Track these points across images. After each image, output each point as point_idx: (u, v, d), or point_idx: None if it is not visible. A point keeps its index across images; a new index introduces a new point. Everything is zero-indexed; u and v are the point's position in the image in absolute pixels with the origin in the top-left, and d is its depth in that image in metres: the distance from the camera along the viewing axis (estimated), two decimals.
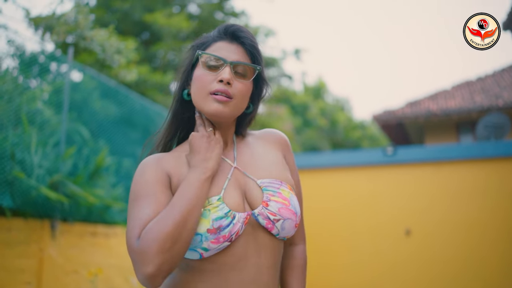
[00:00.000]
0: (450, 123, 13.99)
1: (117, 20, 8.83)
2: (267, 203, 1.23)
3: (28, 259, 3.88)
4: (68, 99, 4.65)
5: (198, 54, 1.28)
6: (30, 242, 3.91)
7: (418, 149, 8.20)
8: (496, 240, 6.97)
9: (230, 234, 1.15)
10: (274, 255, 1.26)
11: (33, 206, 3.93)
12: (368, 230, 7.92)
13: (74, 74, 6.03)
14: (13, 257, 3.76)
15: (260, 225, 1.23)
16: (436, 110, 13.50)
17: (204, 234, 1.13)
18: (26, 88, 4.71)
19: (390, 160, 8.09)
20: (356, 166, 8.35)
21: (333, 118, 15.68)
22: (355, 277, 7.80)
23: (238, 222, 1.18)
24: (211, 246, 1.14)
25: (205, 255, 1.15)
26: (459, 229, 7.32)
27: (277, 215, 1.23)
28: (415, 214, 7.69)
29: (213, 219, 1.14)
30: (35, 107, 4.40)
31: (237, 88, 1.24)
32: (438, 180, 7.71)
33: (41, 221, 4.04)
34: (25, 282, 3.83)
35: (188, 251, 1.15)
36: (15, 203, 3.73)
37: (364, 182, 8.30)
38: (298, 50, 13.30)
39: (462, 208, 7.42)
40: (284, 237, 1.28)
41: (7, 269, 3.71)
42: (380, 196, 8.06)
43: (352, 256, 7.90)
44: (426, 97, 14.89)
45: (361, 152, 9.20)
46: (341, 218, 8.16)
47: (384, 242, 7.84)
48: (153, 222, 1.07)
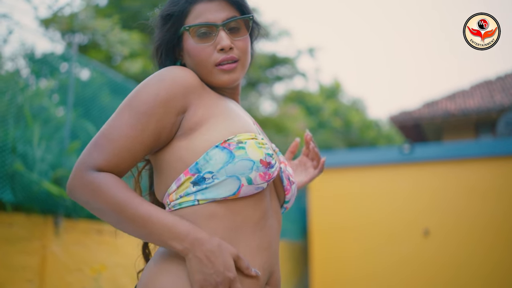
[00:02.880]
0: (469, 123, 13.75)
1: (127, 18, 8.89)
2: (285, 163, 1.22)
3: (30, 256, 3.77)
4: (73, 92, 4.56)
5: (185, 29, 1.17)
6: (32, 238, 3.80)
7: (435, 147, 7.97)
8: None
9: (272, 176, 1.09)
10: (280, 226, 1.21)
11: (36, 201, 3.82)
12: (384, 232, 7.71)
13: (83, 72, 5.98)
14: (14, 254, 3.65)
15: (272, 186, 1.20)
16: (454, 110, 13.28)
17: (256, 163, 1.05)
18: (29, 85, 4.66)
19: (407, 158, 7.88)
20: (372, 165, 8.15)
21: (348, 118, 15.49)
22: (371, 281, 7.58)
23: (277, 169, 1.11)
24: (257, 180, 1.05)
25: (242, 192, 1.05)
26: (478, 228, 7.08)
27: (292, 177, 1.22)
28: (434, 213, 7.46)
29: (265, 153, 1.08)
30: (39, 104, 4.33)
31: (239, 48, 1.17)
32: (457, 178, 7.48)
33: (44, 217, 3.92)
34: (26, 280, 3.71)
35: (228, 180, 1.03)
36: (16, 198, 3.61)
37: (380, 182, 8.09)
38: (313, 48, 13.14)
39: (481, 206, 7.17)
40: (286, 207, 1.24)
41: (8, 266, 3.59)
42: (397, 196, 7.85)
43: (368, 258, 7.68)
44: (443, 97, 14.68)
45: (376, 150, 9.01)
46: (355, 219, 7.95)
47: (402, 243, 7.62)
48: (111, 187, 1.00)
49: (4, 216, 3.58)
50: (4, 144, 3.61)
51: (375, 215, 7.87)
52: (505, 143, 7.49)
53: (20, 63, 5.68)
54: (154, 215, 0.99)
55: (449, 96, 14.92)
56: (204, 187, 1.04)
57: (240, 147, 1.04)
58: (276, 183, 1.19)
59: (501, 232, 6.96)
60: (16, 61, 5.01)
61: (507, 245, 6.80)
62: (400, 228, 7.62)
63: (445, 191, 7.50)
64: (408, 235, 7.56)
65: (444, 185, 7.53)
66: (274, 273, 1.13)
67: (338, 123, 15.14)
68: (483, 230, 7.10)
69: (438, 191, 7.55)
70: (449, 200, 7.42)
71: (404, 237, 7.58)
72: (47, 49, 5.29)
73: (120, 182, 1.04)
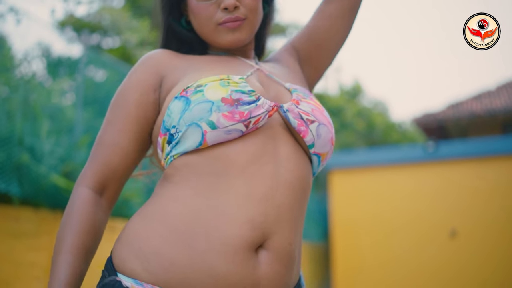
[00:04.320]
0: (495, 124, 13.41)
1: (144, 16, 8.99)
2: (298, 101, 1.01)
3: (38, 252, 3.65)
4: (83, 85, 4.49)
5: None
6: (40, 234, 3.68)
7: (461, 144, 7.68)
8: None
9: (249, 115, 0.91)
10: (299, 178, 0.95)
11: (44, 196, 3.70)
12: (410, 233, 7.43)
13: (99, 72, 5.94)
14: (21, 250, 3.53)
15: (285, 131, 0.98)
16: (480, 111, 12.95)
17: (216, 102, 0.90)
18: (42, 84, 4.65)
19: (431, 157, 7.60)
20: (395, 164, 7.88)
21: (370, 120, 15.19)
22: (397, 286, 7.30)
23: (262, 107, 0.93)
24: (221, 122, 0.90)
25: (208, 139, 0.90)
26: (510, 228, 6.74)
27: (311, 115, 0.98)
28: (461, 213, 7.15)
29: (232, 89, 0.93)
30: (50, 101, 4.29)
31: (247, 5, 1.05)
32: (484, 176, 7.16)
33: (53, 212, 3.80)
34: (34, 277, 3.59)
35: (189, 129, 0.91)
36: (23, 191, 3.50)
37: (404, 181, 7.81)
38: None
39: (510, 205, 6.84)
40: (318, 153, 0.99)
41: (15, 263, 3.48)
42: (422, 196, 7.56)
43: (393, 261, 7.40)
44: (468, 98, 14.34)
45: (400, 149, 8.74)
46: (379, 221, 7.69)
47: (428, 245, 7.32)
48: (66, 218, 0.96)
49: (11, 210, 3.47)
50: (11, 136, 3.51)
51: (399, 217, 7.60)
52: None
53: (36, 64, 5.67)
54: (53, 267, 0.92)
55: (475, 97, 14.60)
56: (175, 143, 0.95)
57: (198, 90, 0.94)
58: (289, 126, 0.99)
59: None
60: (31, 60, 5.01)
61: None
62: (426, 229, 7.33)
63: (473, 190, 7.20)
64: (434, 237, 7.28)
65: (472, 183, 7.22)
66: (275, 236, 0.89)
67: (361, 125, 14.85)
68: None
69: (465, 190, 7.24)
70: (478, 199, 7.11)
71: (430, 239, 7.29)
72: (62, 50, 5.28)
73: (76, 214, 0.96)
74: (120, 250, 0.92)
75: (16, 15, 4.01)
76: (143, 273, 0.87)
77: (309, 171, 1.00)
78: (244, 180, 0.90)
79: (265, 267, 0.88)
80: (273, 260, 0.88)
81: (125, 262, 0.90)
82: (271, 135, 0.95)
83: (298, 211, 0.95)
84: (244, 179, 0.90)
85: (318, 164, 1.02)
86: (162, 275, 0.85)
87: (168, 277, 0.85)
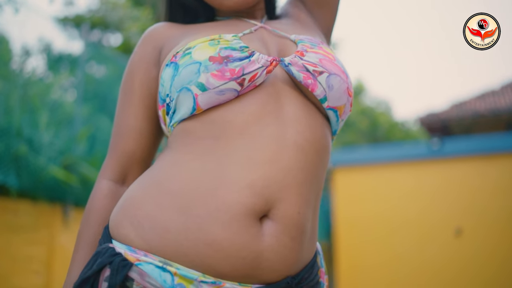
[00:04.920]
0: (500, 124, 13.32)
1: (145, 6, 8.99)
2: (302, 52, 0.89)
3: (37, 246, 3.58)
4: (83, 75, 4.42)
5: None
6: (39, 227, 3.61)
7: (466, 141, 7.59)
8: None
9: (242, 72, 0.82)
10: (314, 142, 0.86)
11: (43, 188, 3.63)
12: (414, 232, 7.33)
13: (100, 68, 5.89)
14: (20, 244, 3.46)
15: (292, 88, 0.88)
16: (484, 111, 12.87)
17: (203, 62, 0.83)
18: (42, 79, 4.62)
19: (436, 154, 7.51)
20: (399, 161, 7.79)
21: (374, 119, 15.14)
22: (401, 285, 7.21)
23: (257, 62, 0.84)
24: (211, 82, 0.82)
25: (201, 103, 0.83)
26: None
27: (319, 66, 0.87)
28: (467, 212, 7.06)
29: (221, 47, 0.85)
30: (49, 95, 4.25)
31: None
32: (490, 173, 7.06)
33: (52, 205, 3.73)
34: (33, 271, 3.52)
35: (181, 95, 0.85)
36: (21, 183, 3.43)
37: (408, 179, 7.71)
38: (334, 43, 12.88)
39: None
40: (333, 107, 0.89)
41: (14, 257, 3.41)
42: (427, 194, 7.47)
43: (397, 260, 7.32)
44: (472, 98, 14.26)
45: (404, 146, 8.66)
46: (382, 220, 7.60)
47: (432, 244, 7.23)
48: (87, 209, 0.96)
49: (8, 203, 3.40)
50: (9, 126, 3.44)
51: (403, 215, 7.51)
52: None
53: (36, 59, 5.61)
54: (69, 266, 0.92)
55: (479, 96, 14.52)
56: (172, 113, 0.90)
57: (186, 53, 0.87)
58: (296, 81, 0.89)
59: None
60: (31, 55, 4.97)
61: None
62: (431, 227, 7.24)
63: (478, 187, 7.10)
64: (439, 235, 7.18)
65: (477, 181, 7.13)
66: (280, 204, 0.80)
67: (364, 123, 14.79)
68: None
69: (470, 187, 7.15)
70: (483, 197, 7.02)
71: (435, 237, 7.19)
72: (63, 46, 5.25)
73: (94, 211, 0.95)
74: (115, 216, 0.86)
75: (14, 4, 3.95)
76: (137, 240, 0.80)
77: (325, 132, 0.90)
78: (243, 143, 0.81)
79: (269, 239, 0.79)
80: (279, 231, 0.79)
81: (119, 228, 0.83)
82: (274, 94, 0.86)
83: (310, 177, 0.84)
84: (244, 142, 0.81)
85: (336, 120, 0.92)
86: (156, 242, 0.79)
87: (163, 244, 0.78)
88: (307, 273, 0.86)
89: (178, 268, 0.76)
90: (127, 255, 0.78)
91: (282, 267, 0.79)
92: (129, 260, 0.77)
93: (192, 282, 0.76)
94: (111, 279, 0.75)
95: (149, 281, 0.76)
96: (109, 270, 0.76)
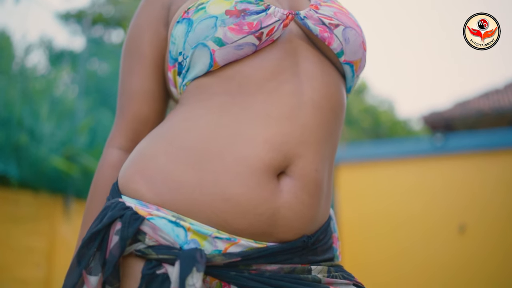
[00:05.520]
0: (503, 122, 13.27)
1: None
2: (317, 6, 0.87)
3: (37, 237, 3.55)
4: (85, 71, 4.40)
5: None
6: (40, 218, 3.58)
7: (469, 137, 7.55)
8: None
9: (260, 25, 0.79)
10: (330, 99, 0.83)
11: (44, 179, 3.60)
12: (418, 229, 7.29)
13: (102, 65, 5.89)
14: (21, 235, 3.43)
15: (308, 44, 0.85)
16: (488, 109, 12.82)
17: (220, 16, 0.79)
18: (44, 75, 4.63)
19: (439, 150, 7.46)
20: (403, 158, 7.74)
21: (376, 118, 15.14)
22: (404, 282, 7.17)
23: (273, 15, 0.80)
24: (229, 37, 0.78)
25: (218, 58, 0.79)
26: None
27: (334, 19, 0.85)
28: (470, 208, 7.01)
29: (237, 0, 0.81)
30: (51, 89, 4.24)
31: None
32: (494, 169, 7.01)
33: (53, 196, 3.70)
34: (33, 263, 3.49)
35: (196, 52, 0.81)
36: (22, 173, 3.40)
37: (411, 176, 7.66)
38: None
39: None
40: (350, 62, 0.86)
41: (14, 248, 3.38)
42: (430, 191, 7.42)
43: (400, 258, 7.28)
44: (475, 96, 14.23)
45: (407, 142, 8.61)
46: (386, 217, 7.56)
47: (436, 240, 7.18)
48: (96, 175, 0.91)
49: (9, 193, 3.38)
50: (10, 116, 3.41)
51: (406, 211, 7.47)
52: None
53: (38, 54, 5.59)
54: (81, 230, 0.89)
55: (482, 95, 14.48)
56: (185, 72, 0.85)
57: (200, 8, 0.83)
58: (311, 36, 0.85)
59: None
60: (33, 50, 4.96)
61: None
62: (434, 224, 7.19)
63: (482, 183, 7.06)
64: (443, 232, 7.14)
65: (480, 176, 7.09)
66: (299, 160, 0.77)
67: (367, 121, 14.78)
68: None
69: (473, 183, 7.11)
70: (487, 194, 6.97)
71: (438, 234, 7.15)
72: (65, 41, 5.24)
73: (101, 181, 0.91)
74: (124, 172, 0.82)
75: None
76: (149, 194, 0.77)
77: (340, 89, 0.87)
78: (261, 98, 0.78)
79: (287, 195, 0.76)
80: (297, 188, 0.76)
81: (129, 182, 0.80)
82: (290, 50, 0.83)
83: (327, 135, 0.82)
84: (262, 97, 0.78)
85: (352, 76, 0.88)
86: (168, 195, 0.75)
87: (175, 198, 0.75)
88: (322, 235, 0.83)
89: (192, 223, 0.73)
90: (138, 209, 0.75)
91: (299, 225, 0.77)
92: (140, 215, 0.74)
93: (206, 238, 0.73)
94: (123, 232, 0.71)
95: (162, 235, 0.72)
96: (120, 224, 0.72)
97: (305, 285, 0.74)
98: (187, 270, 0.66)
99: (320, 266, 0.79)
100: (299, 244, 0.76)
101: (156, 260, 0.71)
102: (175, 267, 0.68)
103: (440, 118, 13.59)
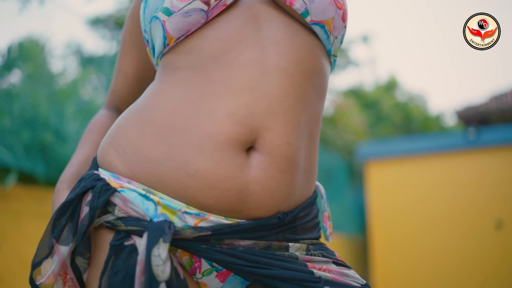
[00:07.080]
0: None
1: None
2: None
3: None
4: (111, 71, 4.47)
5: None
6: None
7: (505, 129, 7.32)
8: None
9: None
10: (300, 63, 0.79)
11: None
12: (452, 225, 7.11)
13: None
14: None
15: (273, 8, 0.81)
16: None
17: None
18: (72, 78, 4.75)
19: (473, 144, 7.25)
20: (434, 153, 7.56)
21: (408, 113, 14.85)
22: (439, 281, 7.01)
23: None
24: (175, 5, 0.77)
25: (169, 29, 0.79)
26: None
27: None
28: (507, 203, 6.80)
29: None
30: (76, 91, 4.34)
31: None
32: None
33: None
34: None
35: (152, 26, 0.83)
36: (49, 172, 3.48)
37: (444, 171, 7.48)
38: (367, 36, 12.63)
39: None
40: (319, 22, 0.81)
41: None
42: (464, 186, 7.22)
43: (434, 256, 7.12)
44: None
45: (438, 137, 8.41)
46: (418, 214, 7.40)
47: (471, 237, 6.98)
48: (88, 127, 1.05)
49: (37, 191, 3.45)
50: (35, 115, 3.50)
51: (439, 208, 7.29)
52: None
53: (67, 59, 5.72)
54: (71, 159, 0.99)
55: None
56: (151, 49, 0.90)
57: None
58: None
59: None
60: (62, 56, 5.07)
61: None
62: (469, 221, 6.99)
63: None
64: (478, 229, 6.93)
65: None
66: (267, 133, 0.75)
67: (398, 117, 14.52)
68: None
69: (510, 178, 6.87)
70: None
71: (474, 231, 6.95)
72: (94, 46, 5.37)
73: (97, 123, 1.04)
74: (102, 145, 0.85)
75: None
76: (121, 166, 0.79)
77: (315, 51, 0.82)
78: (220, 71, 0.77)
79: (256, 171, 0.74)
80: (266, 163, 0.74)
81: (104, 155, 0.82)
82: (251, 16, 0.80)
83: (300, 103, 0.78)
84: (221, 70, 0.77)
85: (327, 37, 0.83)
86: (139, 169, 0.77)
87: (146, 172, 0.76)
88: (302, 212, 0.79)
89: (162, 197, 0.73)
90: (111, 181, 0.76)
91: (271, 201, 0.74)
92: (112, 186, 0.75)
93: (175, 213, 0.72)
94: (92, 202, 0.73)
95: (132, 207, 0.73)
96: (91, 195, 0.74)
97: (280, 260, 0.72)
98: (154, 241, 0.66)
99: (298, 243, 0.76)
100: (274, 221, 0.74)
101: (125, 232, 0.72)
102: (143, 238, 0.67)
103: (474, 112, 13.20)
